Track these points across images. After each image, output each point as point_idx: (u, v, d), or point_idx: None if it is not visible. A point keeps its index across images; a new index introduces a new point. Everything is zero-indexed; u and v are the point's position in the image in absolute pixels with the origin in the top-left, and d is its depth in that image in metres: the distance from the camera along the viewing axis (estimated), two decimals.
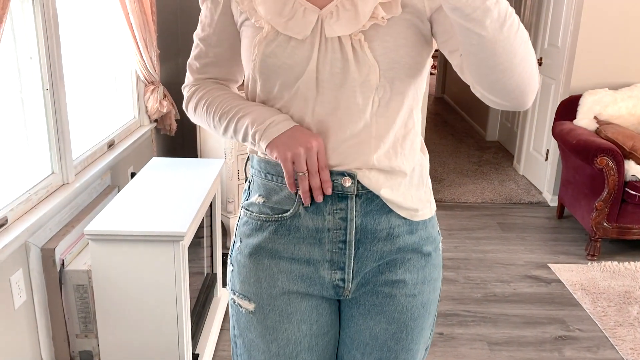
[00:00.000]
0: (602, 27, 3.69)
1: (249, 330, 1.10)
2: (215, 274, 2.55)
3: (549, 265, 3.16)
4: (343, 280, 1.04)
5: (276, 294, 1.06)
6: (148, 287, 1.79)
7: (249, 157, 1.10)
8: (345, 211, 1.00)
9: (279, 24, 0.94)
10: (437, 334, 2.50)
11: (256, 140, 0.99)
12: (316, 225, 1.01)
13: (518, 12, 5.15)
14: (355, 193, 0.99)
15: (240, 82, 1.17)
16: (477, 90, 0.91)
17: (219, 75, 1.12)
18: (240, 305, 1.10)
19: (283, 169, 0.98)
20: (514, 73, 0.84)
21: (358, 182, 0.98)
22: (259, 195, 1.05)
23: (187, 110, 1.13)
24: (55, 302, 1.94)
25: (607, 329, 2.55)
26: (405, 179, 1.02)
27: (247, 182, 1.11)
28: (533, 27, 4.53)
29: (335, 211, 1.00)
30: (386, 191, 1.00)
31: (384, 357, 1.09)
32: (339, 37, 0.93)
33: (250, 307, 1.08)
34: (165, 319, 1.83)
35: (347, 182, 0.98)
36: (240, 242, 1.09)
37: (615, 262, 3.18)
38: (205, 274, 2.48)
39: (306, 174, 0.96)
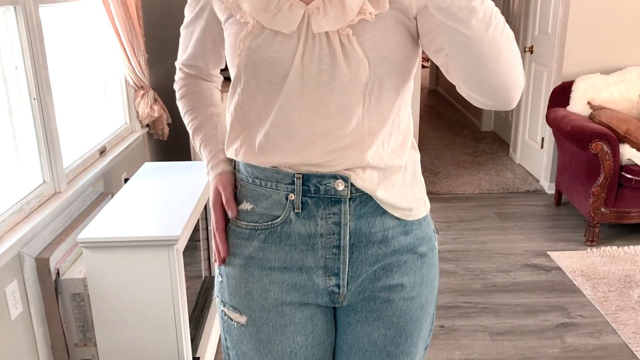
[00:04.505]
0: (592, 11, 3.68)
1: (241, 342, 1.07)
2: (213, 276, 2.54)
3: (549, 253, 3.15)
4: (338, 286, 1.02)
5: (269, 306, 1.03)
6: (144, 293, 1.78)
7: (234, 162, 1.06)
8: (338, 215, 0.97)
9: (264, 19, 0.92)
10: (439, 327, 2.49)
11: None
12: (308, 231, 0.98)
13: (508, 1, 5.14)
14: (348, 197, 0.96)
15: (221, 67, 1.17)
16: (463, 90, 0.90)
17: (197, 64, 1.13)
18: (230, 318, 1.07)
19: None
20: (499, 73, 0.83)
21: (352, 184, 0.96)
22: (247, 202, 1.02)
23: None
24: (52, 312, 1.93)
25: (609, 314, 2.55)
26: (399, 175, 1.00)
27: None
28: (523, 15, 4.52)
29: (328, 216, 0.97)
30: (381, 192, 0.97)
31: None
32: (327, 33, 0.91)
33: (242, 320, 1.05)
34: (164, 324, 1.82)
35: (340, 186, 0.95)
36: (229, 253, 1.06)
37: (615, 247, 3.18)
38: (203, 277, 2.47)
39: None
